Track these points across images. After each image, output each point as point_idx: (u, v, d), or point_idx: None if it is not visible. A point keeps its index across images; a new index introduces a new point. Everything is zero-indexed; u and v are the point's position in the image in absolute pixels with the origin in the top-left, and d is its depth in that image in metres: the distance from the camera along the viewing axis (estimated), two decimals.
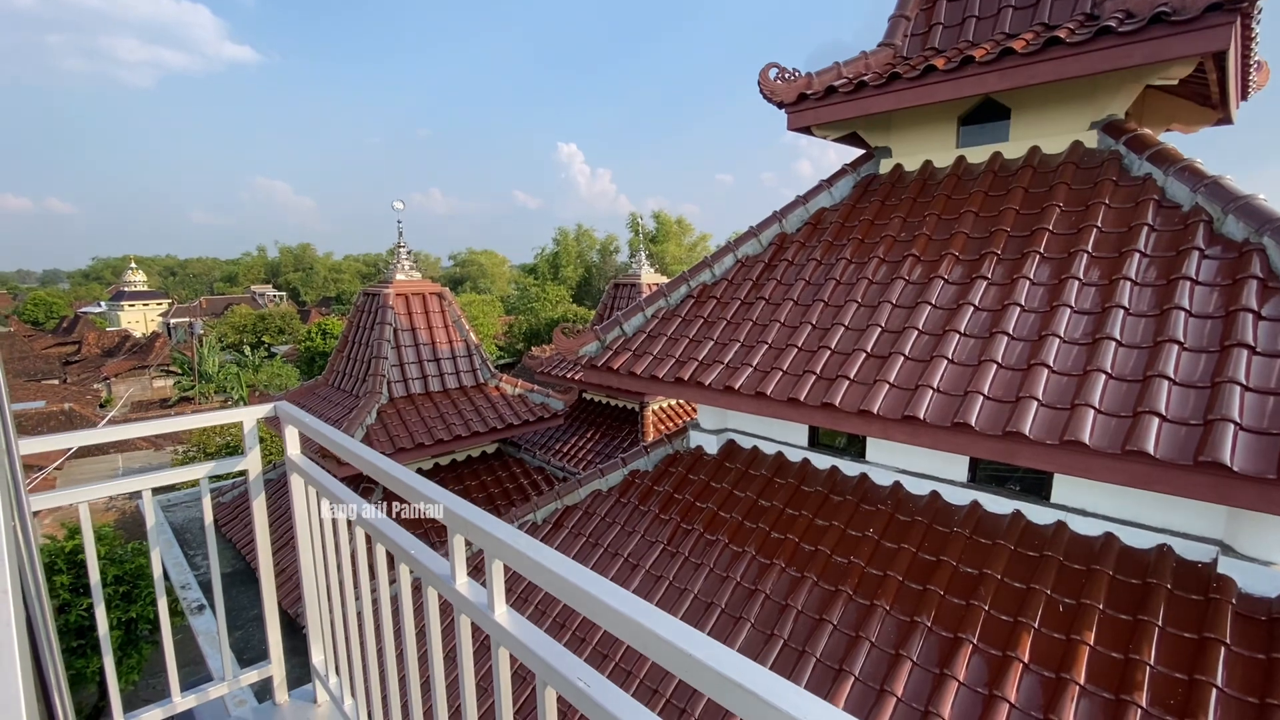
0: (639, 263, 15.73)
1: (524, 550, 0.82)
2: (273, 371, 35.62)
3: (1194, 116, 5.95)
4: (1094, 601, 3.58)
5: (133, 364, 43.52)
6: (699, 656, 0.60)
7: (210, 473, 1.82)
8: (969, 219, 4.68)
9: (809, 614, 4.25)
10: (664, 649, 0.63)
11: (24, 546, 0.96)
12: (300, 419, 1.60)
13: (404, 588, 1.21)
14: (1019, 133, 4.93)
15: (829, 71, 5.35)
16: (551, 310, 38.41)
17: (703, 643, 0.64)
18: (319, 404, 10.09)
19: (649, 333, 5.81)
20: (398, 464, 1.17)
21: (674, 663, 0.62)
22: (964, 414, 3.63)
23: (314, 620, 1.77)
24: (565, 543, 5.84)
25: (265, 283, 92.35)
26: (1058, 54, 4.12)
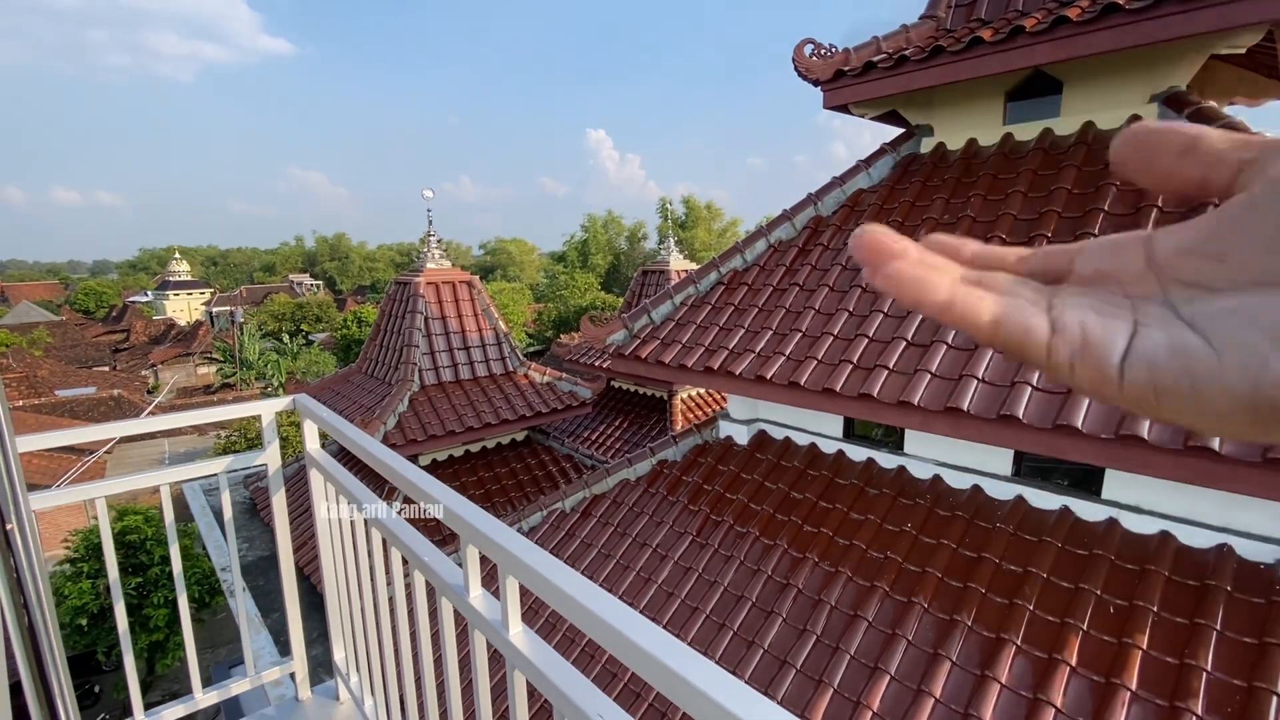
0: (667, 249, 15.57)
1: (538, 568, 0.74)
2: (310, 359, 36.49)
3: (1260, 89, 5.57)
4: (1147, 603, 3.40)
5: (178, 351, 45.08)
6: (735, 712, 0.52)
7: (228, 468, 1.80)
8: (1017, 199, 4.45)
9: (843, 610, 4.14)
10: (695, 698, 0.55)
11: (24, 551, 0.92)
12: (318, 413, 1.56)
13: (419, 594, 1.15)
14: (1071, 107, 4.65)
15: (868, 46, 5.12)
16: (580, 298, 38.48)
17: (742, 695, 0.55)
18: (353, 391, 10.24)
19: (678, 321, 5.70)
20: (413, 466, 1.11)
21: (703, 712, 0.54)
22: (1011, 406, 3.46)
23: (335, 618, 1.74)
24: (593, 531, 5.82)
25: (303, 272, 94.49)
26: (1116, 21, 3.85)
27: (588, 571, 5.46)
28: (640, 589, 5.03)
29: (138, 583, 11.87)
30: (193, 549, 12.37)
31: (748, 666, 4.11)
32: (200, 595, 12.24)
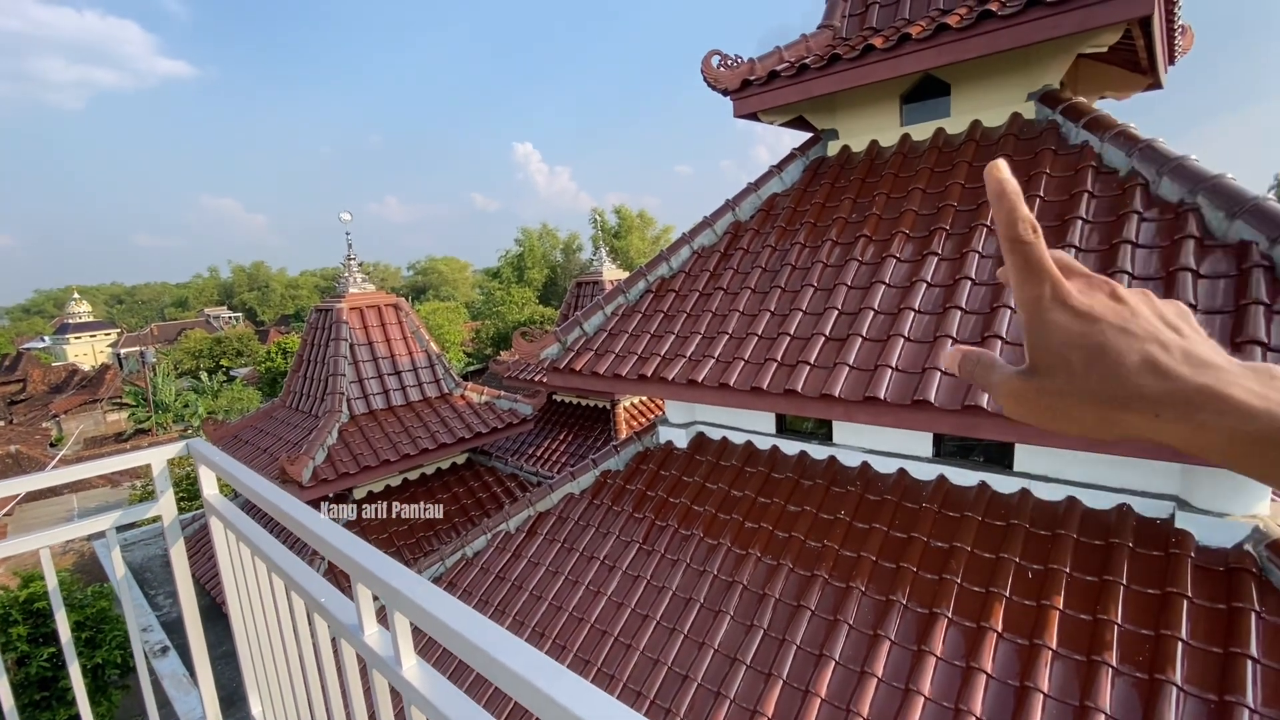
0: (600, 260, 15.62)
1: (423, 603, 0.74)
2: (233, 396, 34.56)
3: (1126, 83, 6.09)
4: (1061, 565, 3.64)
5: (83, 399, 41.73)
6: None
7: (117, 522, 1.68)
8: (917, 196, 4.70)
9: (787, 601, 4.24)
10: (561, 714, 0.56)
11: None
12: (212, 458, 1.48)
13: (323, 639, 1.12)
14: (960, 107, 4.97)
15: (770, 56, 5.31)
16: (518, 313, 38.00)
17: (601, 707, 0.57)
18: (278, 427, 9.76)
19: (610, 331, 5.72)
20: (308, 508, 1.07)
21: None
22: (924, 391, 3.64)
23: (248, 669, 1.65)
24: (540, 549, 5.74)
25: (219, 305, 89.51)
26: (991, 27, 4.14)
27: (536, 590, 5.39)
28: (590, 603, 5.00)
29: (51, 652, 10.88)
30: (110, 610, 11.45)
31: (699, 668, 4.14)
32: (123, 659, 11.34)
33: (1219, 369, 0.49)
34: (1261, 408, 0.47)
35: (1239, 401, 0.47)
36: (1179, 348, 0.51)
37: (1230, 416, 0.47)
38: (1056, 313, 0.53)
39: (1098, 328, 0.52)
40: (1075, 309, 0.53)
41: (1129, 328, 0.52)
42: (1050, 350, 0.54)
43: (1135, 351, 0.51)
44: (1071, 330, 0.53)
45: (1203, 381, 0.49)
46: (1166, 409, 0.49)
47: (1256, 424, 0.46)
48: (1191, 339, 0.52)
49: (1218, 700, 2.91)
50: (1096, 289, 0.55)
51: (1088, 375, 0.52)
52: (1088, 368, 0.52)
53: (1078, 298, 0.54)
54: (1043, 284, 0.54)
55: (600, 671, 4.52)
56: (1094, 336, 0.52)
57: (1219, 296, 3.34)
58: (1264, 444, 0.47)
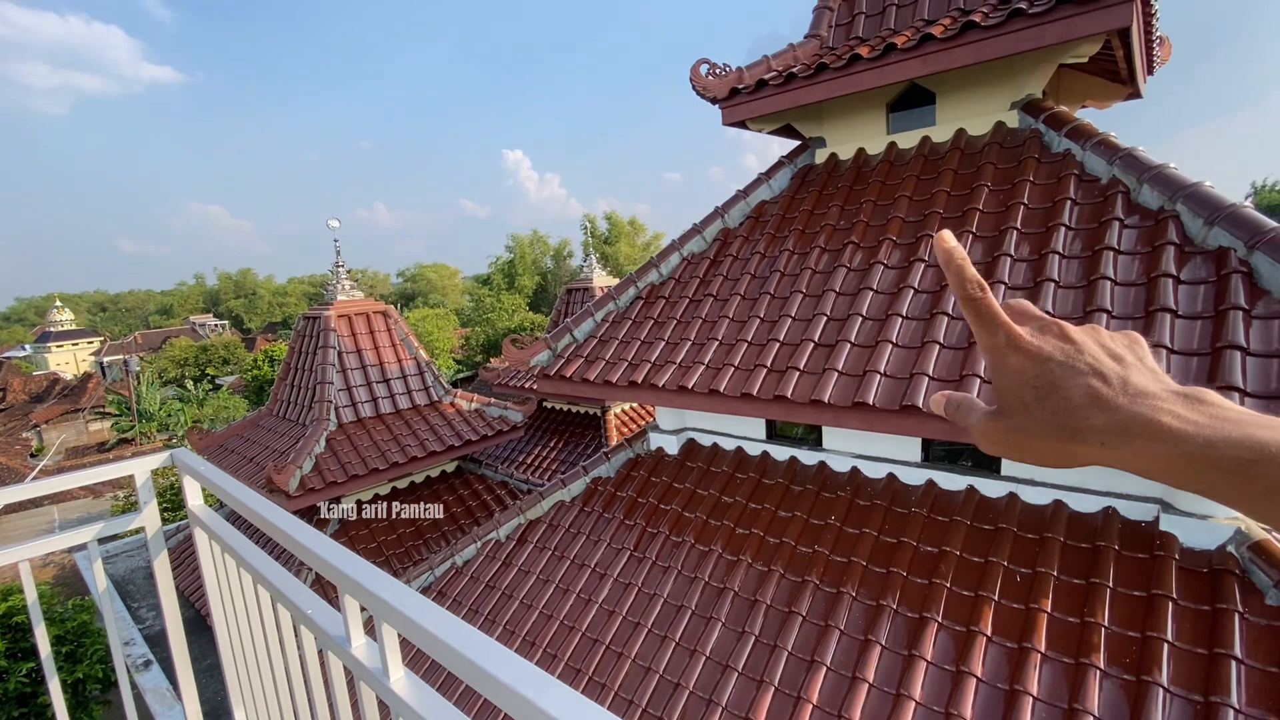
0: (590, 266, 15.63)
1: (410, 614, 0.73)
2: (219, 404, 34.15)
3: (1106, 93, 6.20)
4: (1048, 569, 3.67)
5: (65, 408, 41.07)
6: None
7: (99, 535, 1.65)
8: (904, 203, 4.75)
9: (778, 607, 4.24)
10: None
11: None
12: (196, 468, 1.46)
13: (309, 651, 1.10)
14: (945, 116, 5.03)
15: (759, 65, 5.36)
16: (508, 320, 37.90)
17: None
18: (265, 436, 9.66)
19: (600, 337, 5.73)
20: (294, 518, 1.06)
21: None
22: (911, 396, 3.67)
23: (233, 683, 1.63)
24: (531, 558, 5.71)
25: (205, 312, 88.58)
26: (974, 37, 4.21)
27: (527, 599, 5.35)
28: (581, 611, 4.98)
29: (31, 667, 10.66)
30: (92, 624, 11.25)
31: (691, 675, 4.13)
32: (105, 673, 11.13)
33: (1153, 397, 0.53)
34: (1189, 432, 0.50)
35: (1168, 428, 0.51)
36: (1118, 379, 0.55)
37: (1161, 442, 0.51)
38: (1011, 356, 0.58)
39: (1047, 366, 0.57)
40: (1027, 351, 0.58)
41: (1074, 364, 0.56)
42: (1008, 391, 0.59)
43: (1079, 386, 0.55)
44: (1025, 371, 0.57)
45: (1137, 411, 0.52)
46: (1109, 437, 0.53)
47: (1184, 448, 0.50)
48: (1132, 368, 0.56)
49: (1203, 701, 2.94)
50: (1047, 330, 0.59)
51: (1042, 411, 0.56)
52: (1041, 404, 0.56)
53: (1028, 340, 0.58)
54: (997, 332, 0.59)
55: (591, 680, 4.49)
56: (1044, 376, 0.56)
57: (1199, 302, 3.39)
58: (1196, 465, 0.50)
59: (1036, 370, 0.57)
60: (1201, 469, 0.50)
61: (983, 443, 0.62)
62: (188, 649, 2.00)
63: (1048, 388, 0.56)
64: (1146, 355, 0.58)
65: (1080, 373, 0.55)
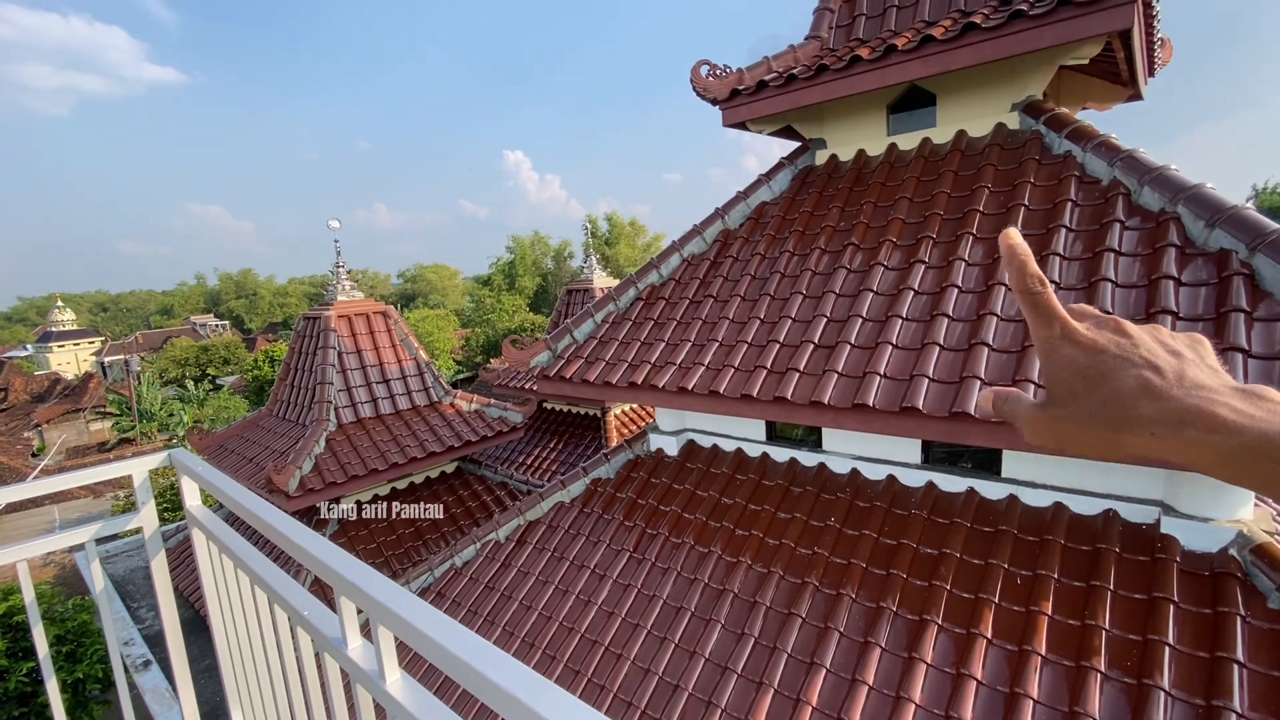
0: (591, 267, 15.63)
1: (406, 616, 0.73)
2: (219, 404, 34.16)
3: (1107, 94, 6.20)
4: (1049, 571, 3.66)
5: (66, 408, 41.08)
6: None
7: (97, 535, 1.64)
8: (904, 205, 4.75)
9: (778, 609, 4.24)
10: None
11: None
12: (195, 469, 1.46)
13: (306, 653, 1.10)
14: (945, 117, 5.03)
15: (759, 66, 5.36)
16: (509, 321, 37.90)
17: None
18: (264, 436, 9.66)
19: (600, 338, 5.72)
20: (291, 519, 1.05)
21: None
22: (911, 398, 3.66)
23: (230, 684, 1.63)
24: (530, 559, 5.70)
25: (206, 312, 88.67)
26: (975, 39, 4.20)
27: (526, 600, 5.35)
28: (580, 612, 4.97)
29: (31, 667, 10.65)
30: (92, 623, 11.24)
31: (690, 677, 4.12)
32: (105, 673, 11.12)
33: (1209, 389, 0.54)
34: (1245, 424, 0.51)
35: (1223, 419, 0.51)
36: (1174, 371, 0.55)
37: (1217, 434, 0.51)
38: (1065, 348, 0.60)
39: (1100, 358, 0.58)
40: (1081, 343, 0.59)
41: (1129, 356, 0.57)
42: (1060, 381, 0.60)
43: (1131, 377, 0.56)
44: (1078, 361, 0.59)
45: (1192, 403, 0.53)
46: (1161, 428, 0.54)
47: (1240, 439, 0.50)
48: (1189, 364, 0.56)
49: (1205, 705, 2.93)
50: (1103, 325, 0.61)
51: (1091, 400, 0.57)
52: (1090, 393, 0.57)
53: (1084, 333, 0.60)
54: (1053, 325, 0.60)
55: (590, 681, 4.48)
56: (1097, 367, 0.58)
57: (1200, 304, 3.39)
58: (1249, 457, 0.50)
59: (1089, 361, 0.58)
60: (1256, 461, 0.50)
61: (1030, 433, 0.63)
62: (186, 650, 2.00)
63: (1098, 378, 0.57)
64: (1209, 354, 0.58)
65: (1133, 364, 0.56)
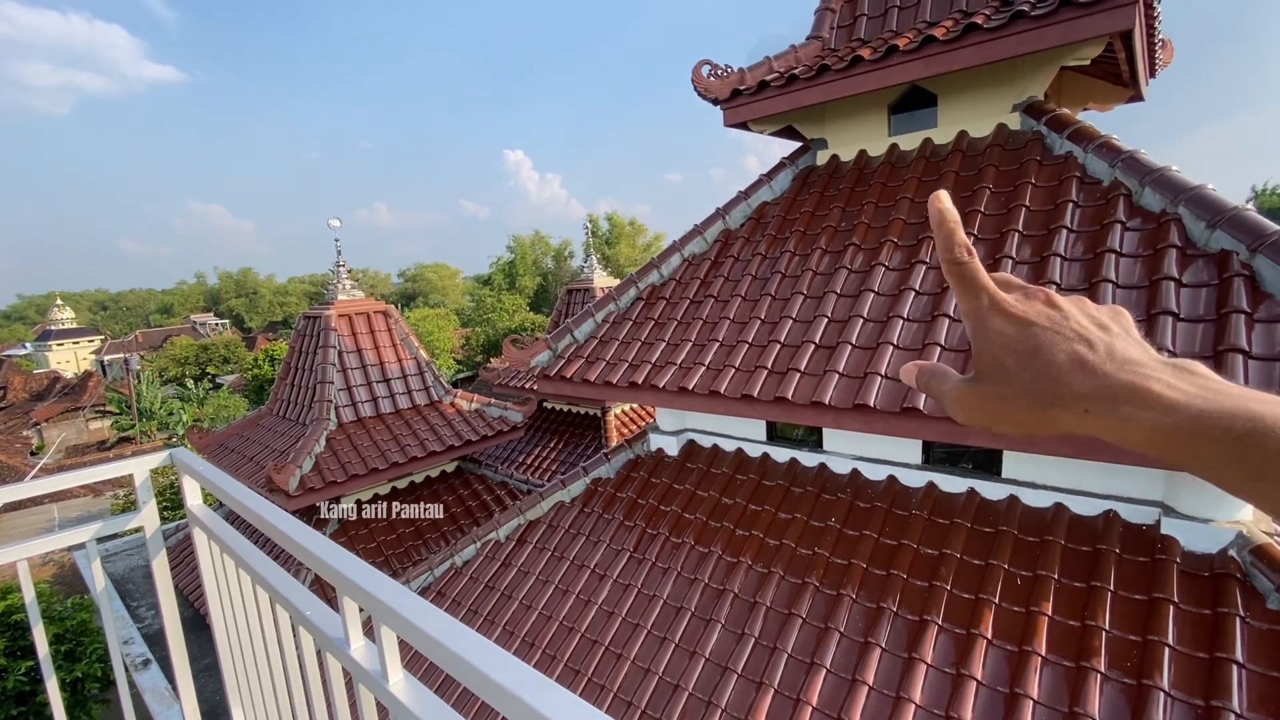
0: (591, 267, 15.63)
1: (409, 616, 0.73)
2: (219, 403, 34.16)
3: (1108, 95, 6.19)
4: (1049, 572, 3.66)
5: (65, 407, 41.06)
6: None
7: (98, 534, 1.64)
8: (905, 205, 4.75)
9: (778, 609, 4.23)
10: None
11: None
12: (196, 467, 1.46)
13: (308, 652, 1.10)
14: (946, 118, 5.03)
15: (760, 66, 5.36)
16: (509, 320, 37.90)
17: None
18: (264, 435, 9.66)
19: (600, 338, 5.72)
20: (293, 518, 1.05)
21: None
22: (912, 398, 3.66)
23: (231, 683, 1.63)
24: (530, 558, 5.70)
25: (206, 311, 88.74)
26: (976, 39, 4.20)
27: (526, 600, 5.35)
28: (580, 612, 4.97)
29: (29, 666, 10.65)
30: (92, 622, 11.24)
31: (690, 677, 4.12)
32: (104, 672, 11.12)
33: (1142, 365, 0.52)
34: (1180, 401, 0.49)
35: (1159, 395, 0.50)
36: (1104, 346, 0.54)
37: (1152, 410, 0.49)
38: (994, 320, 0.57)
39: (1030, 331, 0.56)
40: (1010, 315, 0.57)
41: (1059, 330, 0.55)
42: (988, 355, 0.58)
43: (1064, 351, 0.54)
44: (1007, 334, 0.56)
45: (1125, 378, 0.51)
46: (1094, 404, 0.52)
47: (1175, 417, 0.49)
48: (1118, 337, 0.55)
49: (1204, 705, 2.93)
50: (1033, 297, 0.58)
51: (1022, 375, 0.55)
52: (1022, 368, 0.55)
53: (1013, 305, 0.57)
54: (980, 296, 0.58)
55: (591, 681, 4.48)
56: (1028, 340, 0.55)
57: (1201, 305, 3.39)
58: (1185, 436, 0.48)
59: (1019, 335, 0.56)
60: (1191, 440, 0.48)
61: (958, 410, 0.61)
62: (186, 649, 2.00)
63: (1030, 352, 0.55)
64: (1132, 327, 0.57)
65: (1065, 338, 0.54)
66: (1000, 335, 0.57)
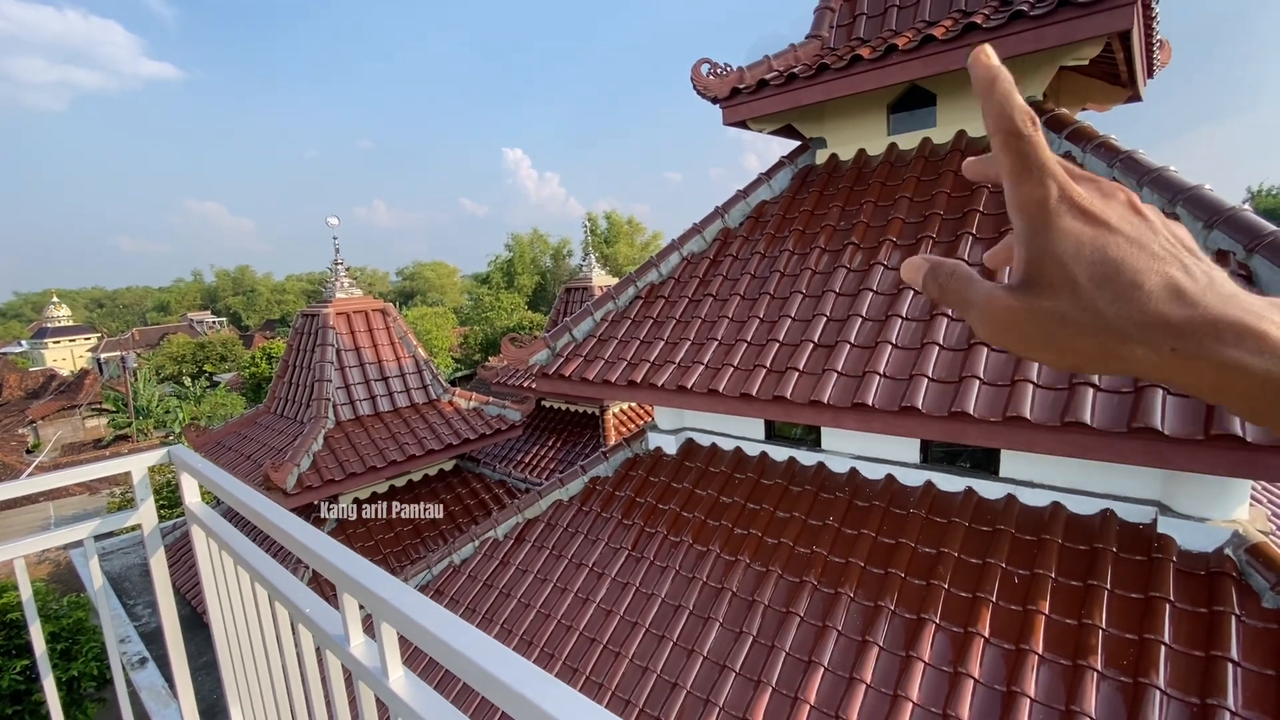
0: (589, 265, 15.61)
1: (410, 613, 0.73)
2: (216, 401, 34.10)
3: (1107, 95, 6.20)
4: (1046, 570, 3.67)
5: (61, 404, 40.95)
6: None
7: (95, 531, 1.64)
8: (904, 205, 4.75)
9: (776, 608, 4.24)
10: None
11: None
12: (194, 465, 1.45)
13: (307, 650, 1.10)
14: (945, 117, 5.03)
15: (759, 65, 5.36)
16: (507, 319, 37.87)
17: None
18: (262, 433, 9.64)
19: (599, 336, 5.72)
20: (293, 515, 1.05)
21: None
22: (911, 397, 3.67)
23: (230, 681, 1.62)
24: (528, 556, 5.70)
25: (203, 309, 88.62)
26: (976, 39, 4.20)
27: (525, 598, 5.35)
28: (579, 610, 4.97)
29: (25, 665, 10.62)
30: (88, 621, 11.22)
31: (689, 675, 4.13)
32: (100, 671, 11.10)
33: (1248, 301, 0.42)
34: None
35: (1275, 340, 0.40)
36: (1203, 273, 0.43)
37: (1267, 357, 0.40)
38: (1065, 218, 0.45)
39: (1114, 239, 0.44)
40: (1088, 214, 0.45)
41: (1147, 245, 0.44)
42: (1054, 262, 0.45)
43: (1155, 272, 0.43)
44: (1082, 240, 0.44)
45: (1233, 314, 0.41)
46: (1186, 342, 0.42)
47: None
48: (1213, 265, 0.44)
49: (1200, 704, 2.94)
50: (1110, 197, 0.46)
51: (1096, 295, 0.44)
52: (1098, 286, 0.44)
53: (1091, 202, 0.45)
54: (1046, 183, 0.45)
55: (589, 680, 4.49)
56: (1109, 250, 0.44)
57: None
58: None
59: (1099, 241, 0.44)
60: None
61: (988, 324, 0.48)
62: (184, 647, 1.99)
63: (1111, 266, 0.43)
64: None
65: (1156, 256, 0.43)
66: (1073, 239, 0.44)
